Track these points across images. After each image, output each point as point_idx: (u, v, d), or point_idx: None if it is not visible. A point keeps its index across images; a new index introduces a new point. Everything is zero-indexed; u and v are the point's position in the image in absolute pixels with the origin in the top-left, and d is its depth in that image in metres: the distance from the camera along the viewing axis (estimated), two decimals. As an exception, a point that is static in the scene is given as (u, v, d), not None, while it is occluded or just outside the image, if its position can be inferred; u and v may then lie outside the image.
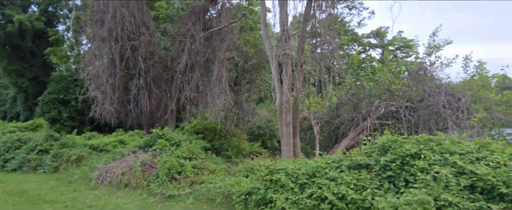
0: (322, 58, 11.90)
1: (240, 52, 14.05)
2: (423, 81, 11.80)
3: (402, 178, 4.82)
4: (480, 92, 12.06)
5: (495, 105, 11.91)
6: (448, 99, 10.89)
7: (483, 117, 10.60)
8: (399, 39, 38.96)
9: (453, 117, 10.64)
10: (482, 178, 4.11)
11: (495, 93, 12.55)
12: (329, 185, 4.88)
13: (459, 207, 3.92)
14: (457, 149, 4.90)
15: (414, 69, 12.67)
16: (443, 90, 11.21)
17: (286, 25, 9.62)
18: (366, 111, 11.74)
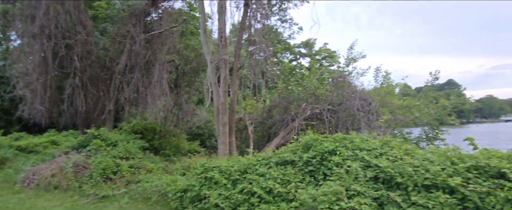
0: (257, 64, 12.22)
1: (180, 56, 13.74)
2: (342, 88, 12.72)
3: (321, 172, 5.17)
4: (386, 98, 13.40)
5: (398, 108, 13.33)
6: (361, 104, 11.91)
7: (388, 119, 11.83)
8: (324, 50, 41.68)
9: (365, 119, 11.65)
10: (383, 170, 4.59)
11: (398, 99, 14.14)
12: (259, 180, 5.04)
13: (365, 195, 4.34)
14: (365, 146, 5.40)
15: (335, 77, 13.63)
16: (357, 95, 12.23)
17: (224, 32, 9.68)
18: (295, 112, 12.30)
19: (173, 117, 13.20)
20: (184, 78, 14.26)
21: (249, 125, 12.00)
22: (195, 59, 13.75)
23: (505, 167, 3.81)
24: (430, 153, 4.78)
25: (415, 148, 5.32)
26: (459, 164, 4.16)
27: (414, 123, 13.36)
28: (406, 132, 13.08)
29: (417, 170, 4.32)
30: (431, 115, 12.99)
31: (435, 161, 4.41)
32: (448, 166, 4.21)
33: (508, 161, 3.95)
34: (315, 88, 12.70)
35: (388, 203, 4.19)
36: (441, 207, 3.72)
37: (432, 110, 13.20)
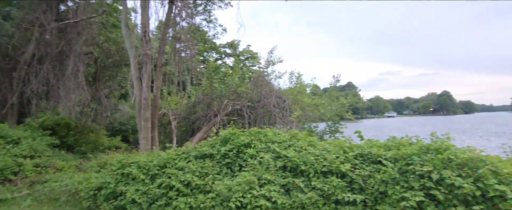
0: (181, 60, 11.79)
1: (101, 48, 12.41)
2: (261, 86, 13.09)
3: (237, 163, 5.23)
4: (298, 96, 14.26)
5: (307, 106, 14.32)
6: (277, 101, 12.46)
7: (299, 114, 12.64)
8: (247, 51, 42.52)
9: (280, 114, 12.23)
10: (291, 160, 4.85)
11: (308, 98, 15.22)
12: (177, 174, 4.85)
13: (274, 183, 4.53)
14: (277, 139, 5.64)
15: (255, 77, 13.98)
16: (274, 94, 12.74)
17: (147, 27, 9.07)
18: (217, 108, 12.26)
19: (91, 112, 11.86)
20: (104, 72, 12.94)
21: (172, 120, 11.53)
22: (117, 53, 12.59)
23: (382, 154, 4.37)
24: (328, 144, 5.23)
25: (317, 140, 5.76)
26: (349, 153, 4.64)
27: (320, 118, 14.50)
28: (313, 126, 14.20)
29: (317, 158, 4.68)
30: (333, 111, 14.31)
31: (332, 151, 4.84)
32: (341, 155, 4.66)
33: (384, 149, 4.54)
34: (237, 86, 12.83)
35: (294, 189, 4.45)
36: (334, 189, 4.09)
37: (334, 107, 14.54)
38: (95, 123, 12.44)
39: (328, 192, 4.11)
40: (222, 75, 14.43)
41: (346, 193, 4.00)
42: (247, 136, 5.71)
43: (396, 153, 4.19)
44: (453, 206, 3.25)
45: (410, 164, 3.85)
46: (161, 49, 9.93)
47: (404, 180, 3.75)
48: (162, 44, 10.05)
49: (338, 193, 4.02)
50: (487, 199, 3.19)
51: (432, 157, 3.73)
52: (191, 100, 14.02)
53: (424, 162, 3.73)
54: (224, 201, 4.30)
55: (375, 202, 3.90)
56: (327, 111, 14.31)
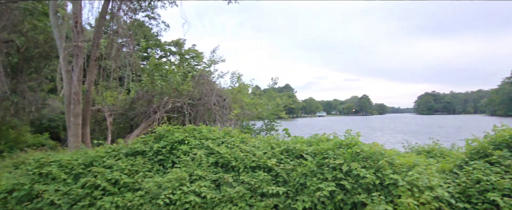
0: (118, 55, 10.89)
1: (25, 37, 10.77)
2: (202, 85, 12.81)
3: (170, 160, 4.99)
4: (238, 95, 14.31)
5: (246, 105, 14.46)
6: (218, 99, 12.32)
7: (238, 113, 12.70)
8: (193, 50, 41.31)
9: (220, 112, 12.12)
10: (223, 156, 4.81)
11: (248, 97, 15.37)
12: (104, 173, 4.42)
13: (205, 178, 4.43)
14: (211, 136, 5.55)
15: (196, 75, 13.63)
16: (215, 92, 12.57)
17: (79, 17, 8.13)
18: (157, 105, 11.64)
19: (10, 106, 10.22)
20: (29, 63, 11.27)
21: (107, 117, 10.58)
22: (46, 43, 11.07)
23: (304, 149, 4.58)
24: (259, 140, 5.31)
25: (249, 137, 5.81)
26: (276, 149, 4.77)
27: (258, 117, 14.79)
28: (251, 124, 14.44)
29: (247, 154, 4.71)
30: (270, 111, 14.72)
31: (261, 147, 4.92)
32: (269, 150, 4.77)
33: (307, 145, 4.78)
34: (178, 84, 12.35)
35: (224, 184, 4.40)
36: (261, 183, 4.16)
37: (270, 107, 14.96)
38: (17, 118, 10.77)
39: (255, 186, 4.16)
40: (164, 72, 13.78)
41: (271, 186, 4.10)
42: (182, 132, 5.50)
43: (316, 148, 4.44)
44: (358, 194, 3.55)
45: (326, 158, 4.10)
46: (96, 42, 9.01)
47: (320, 172, 3.98)
48: (97, 36, 9.12)
49: (263, 186, 4.09)
50: (384, 186, 3.56)
51: (344, 151, 4.03)
52: (130, 97, 13.08)
53: (337, 156, 4.01)
54: (153, 198, 4.05)
55: (296, 193, 4.07)
56: (264, 110, 14.68)
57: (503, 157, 3.74)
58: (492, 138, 4.18)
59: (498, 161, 3.74)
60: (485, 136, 4.42)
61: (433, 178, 3.56)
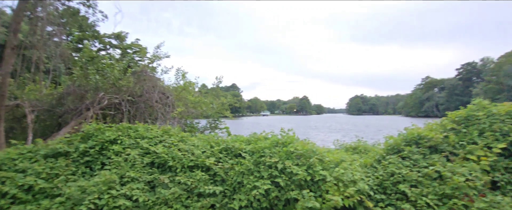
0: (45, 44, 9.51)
1: None
2: (144, 81, 11.97)
3: (99, 162, 4.48)
4: (182, 93, 13.74)
5: (191, 103, 13.97)
6: (160, 97, 11.63)
7: (182, 111, 12.18)
8: (136, 45, 38.47)
9: (162, 110, 11.46)
10: (159, 156, 4.49)
11: (192, 95, 14.86)
12: (15, 178, 3.75)
13: (139, 180, 4.08)
14: (148, 135, 5.14)
15: (138, 70, 12.67)
16: (157, 89, 11.85)
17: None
18: (91, 101, 10.49)
19: None
20: None
21: (29, 113, 9.14)
22: None
23: (242, 148, 4.53)
24: (198, 139, 5.10)
25: (189, 135, 5.55)
26: (215, 147, 4.63)
27: (203, 115, 14.41)
28: (195, 122, 13.99)
29: (185, 154, 4.48)
30: (215, 109, 14.46)
31: (200, 146, 4.72)
32: (208, 149, 4.61)
33: (245, 143, 4.74)
34: (116, 79, 11.32)
35: (159, 185, 4.11)
36: (198, 183, 3.98)
37: (215, 105, 14.71)
38: None
39: (192, 186, 3.96)
40: (101, 66, 12.51)
41: (208, 186, 3.95)
42: (114, 131, 4.99)
43: (254, 147, 4.42)
44: (291, 190, 3.63)
45: (263, 156, 4.11)
46: (14, 27, 7.71)
47: (257, 171, 3.97)
48: (16, 21, 7.81)
49: (201, 186, 3.93)
50: (314, 182, 3.70)
51: (279, 150, 4.09)
52: (58, 91, 11.55)
53: (273, 154, 4.05)
54: (76, 205, 3.56)
55: (233, 192, 3.99)
56: (209, 109, 14.37)
57: (412, 152, 4.20)
58: (404, 136, 4.68)
59: (408, 155, 4.19)
60: (399, 134, 4.93)
61: (356, 172, 3.82)
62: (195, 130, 13.30)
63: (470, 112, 4.65)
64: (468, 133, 4.35)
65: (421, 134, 4.42)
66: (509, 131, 4.13)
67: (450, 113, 4.96)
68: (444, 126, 4.68)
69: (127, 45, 38.36)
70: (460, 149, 4.10)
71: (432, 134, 4.31)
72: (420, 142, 4.37)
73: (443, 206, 3.37)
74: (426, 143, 4.29)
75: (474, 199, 3.34)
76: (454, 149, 4.14)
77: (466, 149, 4.03)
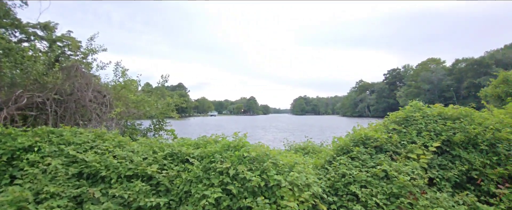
0: None
1: None
2: (75, 77, 10.47)
3: (8, 175, 3.58)
4: (122, 92, 12.45)
5: (132, 102, 12.74)
6: (95, 95, 10.30)
7: (122, 111, 10.99)
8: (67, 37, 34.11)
9: (97, 110, 10.16)
10: (89, 165, 3.78)
11: (134, 94, 13.56)
12: None
13: (61, 195, 3.34)
14: (76, 140, 4.33)
15: (67, 66, 11.05)
16: (91, 87, 10.47)
17: None
18: (5, 100, 8.74)
19: None
20: None
21: None
22: None
23: (190, 152, 4.08)
24: (138, 144, 4.47)
25: (128, 140, 4.86)
26: (159, 153, 4.09)
27: (146, 116, 13.29)
28: (137, 124, 12.81)
29: (122, 161, 3.85)
30: (159, 109, 13.43)
31: (140, 152, 4.13)
32: (150, 155, 4.05)
33: (193, 148, 4.29)
34: (39, 74, 9.65)
35: (88, 200, 3.43)
36: (137, 195, 3.42)
37: (160, 105, 13.67)
38: None
39: (129, 199, 3.39)
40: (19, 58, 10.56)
41: (150, 198, 3.42)
42: (31, 136, 4.08)
43: (203, 151, 4.01)
44: (244, 198, 3.33)
45: (213, 162, 3.73)
46: None
47: (207, 178, 3.58)
48: None
49: (140, 199, 3.38)
50: (268, 188, 3.46)
51: (231, 154, 3.76)
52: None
53: (224, 159, 3.70)
54: (-33, 233, 2.72)
55: (179, 202, 3.53)
56: (153, 109, 13.31)
57: (360, 153, 4.27)
58: (352, 136, 4.76)
59: (357, 156, 4.24)
60: (346, 135, 5.01)
61: (310, 175, 3.70)
62: (137, 132, 12.17)
63: (408, 113, 4.96)
64: (407, 132, 4.60)
65: (367, 135, 4.53)
66: (441, 131, 4.48)
67: (391, 113, 5.23)
68: (386, 126, 4.90)
69: (56, 38, 33.79)
70: (402, 148, 4.31)
71: (378, 134, 4.45)
72: (367, 142, 4.47)
73: (391, 205, 3.44)
74: (372, 143, 4.41)
75: (417, 197, 3.48)
76: (397, 149, 4.33)
77: (407, 148, 4.25)
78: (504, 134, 4.34)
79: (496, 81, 13.73)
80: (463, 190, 3.95)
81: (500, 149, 4.18)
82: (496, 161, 4.12)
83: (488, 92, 13.92)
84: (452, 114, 4.82)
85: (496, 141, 4.33)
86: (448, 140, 4.40)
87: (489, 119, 4.76)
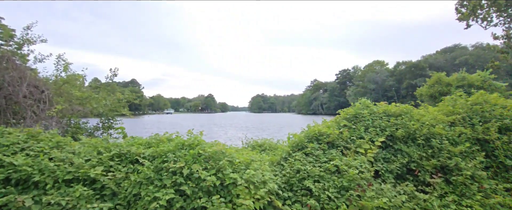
0: None
1: None
2: (6, 70, 9.17)
3: None
4: (64, 87, 11.27)
5: (77, 99, 11.60)
6: (31, 90, 9.15)
7: (64, 108, 9.94)
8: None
9: (33, 107, 9.04)
10: (18, 169, 3.29)
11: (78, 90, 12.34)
12: None
13: (-20, 206, 2.85)
14: (2, 141, 3.75)
15: (-4, 57, 9.61)
16: (26, 81, 9.28)
17: None
18: None
19: None
20: None
21: None
22: None
23: (141, 152, 3.80)
24: (80, 144, 4.03)
25: (69, 140, 4.35)
26: (105, 153, 3.73)
27: (92, 113, 12.21)
28: (82, 122, 11.70)
29: (60, 164, 3.42)
30: (108, 106, 12.43)
31: (82, 153, 3.72)
32: (94, 157, 3.67)
33: (144, 147, 4.01)
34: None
35: (17, 209, 2.97)
36: (78, 201, 3.07)
37: (109, 102, 12.66)
38: None
39: (68, 206, 3.02)
40: None
41: (92, 203, 3.09)
42: None
43: (155, 151, 3.76)
44: (198, 198, 3.19)
45: (165, 161, 3.51)
46: None
47: (158, 179, 3.35)
48: None
49: (81, 205, 3.03)
50: (224, 187, 3.37)
51: (185, 153, 3.58)
52: None
53: (178, 158, 3.51)
54: None
55: (127, 206, 3.25)
56: (101, 106, 12.26)
57: (314, 149, 4.40)
58: (306, 133, 4.89)
59: (311, 152, 4.36)
60: (301, 131, 5.13)
61: (266, 172, 3.70)
62: (82, 131, 11.11)
63: (358, 110, 5.26)
64: (356, 129, 4.87)
65: (321, 131, 4.69)
66: (386, 127, 4.83)
67: (342, 110, 5.50)
68: (338, 123, 5.13)
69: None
70: (352, 144, 4.54)
71: (330, 131, 4.63)
72: (320, 138, 4.63)
73: (341, 198, 3.59)
74: (325, 139, 4.57)
75: (365, 189, 3.69)
76: (347, 144, 4.55)
77: (356, 143, 4.49)
78: (437, 129, 4.84)
79: (430, 81, 15.43)
80: (404, 181, 4.31)
81: (434, 143, 4.64)
82: (431, 154, 4.57)
83: (423, 92, 15.57)
84: (395, 111, 5.23)
85: (431, 135, 4.81)
86: (391, 135, 4.76)
87: (426, 116, 5.26)
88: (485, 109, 5.47)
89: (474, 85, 13.67)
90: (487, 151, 4.91)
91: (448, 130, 5.04)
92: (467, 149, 4.73)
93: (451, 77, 14.91)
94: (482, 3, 13.14)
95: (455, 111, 5.60)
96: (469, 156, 4.67)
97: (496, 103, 5.57)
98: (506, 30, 13.03)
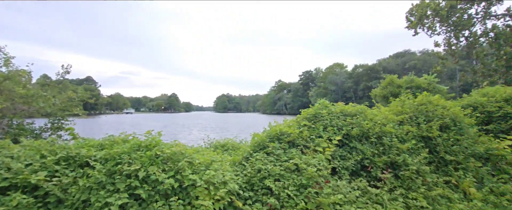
0: None
1: None
2: None
3: None
4: (5, 84, 10.09)
5: (21, 97, 10.46)
6: (-39, 87, 8.04)
7: (4, 107, 8.90)
8: None
9: (-35, 107, 7.97)
10: None
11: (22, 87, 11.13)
12: None
13: None
14: None
15: None
16: (-45, 77, 8.16)
17: None
18: None
19: None
20: None
21: None
22: None
23: (91, 155, 3.52)
24: (21, 147, 3.62)
25: (8, 143, 3.89)
26: (49, 157, 3.39)
27: (40, 113, 11.09)
28: (27, 123, 10.57)
29: (-6, 170, 3.04)
30: (58, 105, 11.39)
31: (22, 157, 3.34)
32: (36, 161, 3.32)
33: (96, 149, 3.73)
34: None
35: None
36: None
37: (59, 101, 11.62)
38: None
39: (2, 217, 2.69)
40: None
41: (33, 212, 2.79)
42: None
43: (108, 153, 3.51)
44: (155, 202, 3.05)
45: (119, 164, 3.30)
46: None
47: (111, 183, 3.14)
48: None
49: (19, 215, 2.72)
50: (183, 189, 3.26)
51: (142, 155, 3.40)
52: None
53: (133, 160, 3.32)
54: None
55: (75, 214, 2.99)
56: (49, 105, 11.20)
57: (275, 148, 4.46)
58: (268, 133, 4.94)
59: (272, 151, 4.41)
60: (263, 131, 5.17)
61: (227, 172, 3.66)
62: (26, 133, 10.05)
63: (317, 110, 5.45)
64: (316, 128, 5.04)
65: (282, 130, 4.77)
66: (342, 126, 5.07)
67: (303, 110, 5.66)
68: (299, 122, 5.27)
69: None
70: (311, 142, 4.69)
71: (291, 130, 4.73)
72: (281, 137, 4.71)
73: (300, 195, 3.68)
74: (286, 138, 4.66)
75: (322, 186, 3.83)
76: (307, 143, 4.69)
77: (315, 142, 4.64)
78: (388, 128, 5.21)
79: (383, 83, 16.61)
80: (358, 177, 4.56)
81: (385, 141, 4.98)
82: (382, 151, 4.90)
83: (377, 93, 16.71)
84: (351, 111, 5.52)
85: (382, 134, 5.15)
86: (347, 134, 5.01)
87: (378, 115, 5.63)
88: (429, 109, 6.02)
89: (421, 87, 15.00)
90: (430, 147, 5.41)
91: (397, 129, 5.45)
92: (413, 146, 5.16)
93: (402, 80, 16.20)
94: (428, 14, 14.48)
95: (403, 110, 6.08)
96: (415, 152, 5.10)
97: (438, 104, 6.16)
98: (447, 38, 14.51)
